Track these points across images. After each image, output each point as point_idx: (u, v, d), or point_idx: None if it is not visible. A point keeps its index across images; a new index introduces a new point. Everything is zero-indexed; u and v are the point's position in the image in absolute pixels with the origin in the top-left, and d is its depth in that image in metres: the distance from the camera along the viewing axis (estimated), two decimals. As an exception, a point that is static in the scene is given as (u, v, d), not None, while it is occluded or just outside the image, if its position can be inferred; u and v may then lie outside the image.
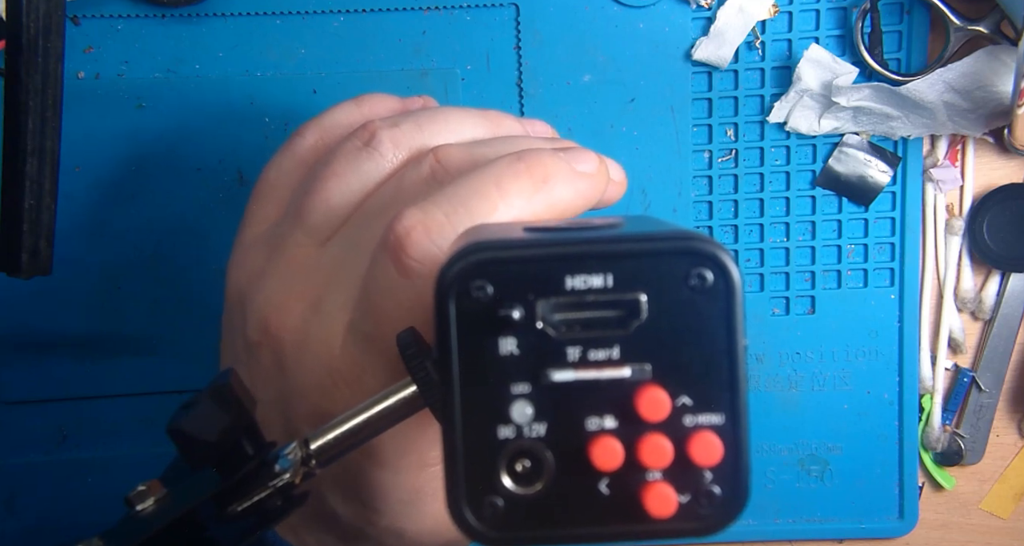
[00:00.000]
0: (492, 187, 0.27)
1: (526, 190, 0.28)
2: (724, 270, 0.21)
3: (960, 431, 0.51)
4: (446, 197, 0.27)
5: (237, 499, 0.25)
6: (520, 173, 0.28)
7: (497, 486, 0.21)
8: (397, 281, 0.27)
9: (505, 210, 0.27)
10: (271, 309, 0.31)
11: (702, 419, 0.21)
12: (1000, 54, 0.44)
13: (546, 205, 0.28)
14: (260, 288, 0.32)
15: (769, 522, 0.51)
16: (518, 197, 0.27)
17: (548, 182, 0.28)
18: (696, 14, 0.46)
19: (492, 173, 0.28)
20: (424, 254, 0.27)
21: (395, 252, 0.27)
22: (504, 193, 0.27)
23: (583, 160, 0.29)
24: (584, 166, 0.29)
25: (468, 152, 0.31)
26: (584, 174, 0.29)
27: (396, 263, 0.27)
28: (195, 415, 0.24)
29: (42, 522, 0.49)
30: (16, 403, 0.48)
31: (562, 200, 0.28)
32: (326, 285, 0.31)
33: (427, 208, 0.27)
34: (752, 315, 0.49)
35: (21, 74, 0.33)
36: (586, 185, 0.29)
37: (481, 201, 0.27)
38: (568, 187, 0.28)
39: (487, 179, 0.28)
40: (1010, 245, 0.48)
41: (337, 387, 0.29)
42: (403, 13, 0.46)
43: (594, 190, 0.29)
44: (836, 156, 0.47)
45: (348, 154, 0.32)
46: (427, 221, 0.27)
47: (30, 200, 0.34)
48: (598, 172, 0.29)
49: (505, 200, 0.27)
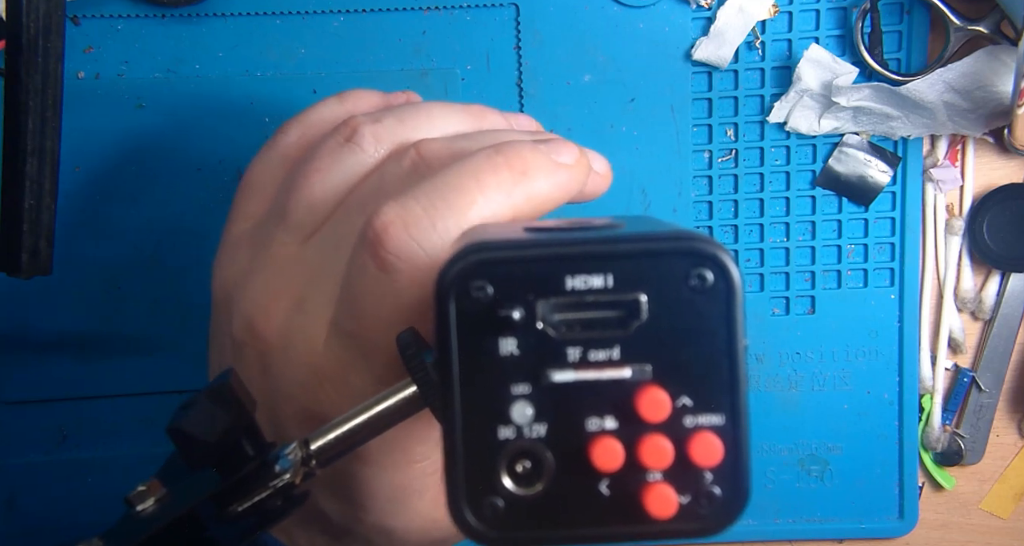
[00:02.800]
0: (471, 180, 0.27)
1: (505, 183, 0.27)
2: (724, 270, 0.21)
3: (960, 431, 0.51)
4: (424, 191, 0.27)
5: (237, 499, 0.25)
6: (499, 166, 0.28)
7: (497, 486, 0.21)
8: (376, 276, 0.27)
9: (484, 203, 0.27)
10: (256, 309, 0.31)
11: (702, 420, 0.21)
12: (1000, 54, 0.44)
13: (525, 197, 0.28)
14: (245, 288, 0.32)
15: (769, 522, 0.51)
16: (497, 190, 0.27)
17: (527, 174, 0.28)
18: (696, 14, 0.46)
19: (471, 166, 0.28)
20: (402, 249, 0.26)
21: (373, 247, 0.27)
22: (483, 186, 0.27)
23: (563, 152, 0.29)
24: (564, 158, 0.29)
25: (450, 146, 0.30)
26: (564, 166, 0.29)
27: (374, 258, 0.27)
28: (195, 415, 0.24)
29: (42, 522, 0.49)
30: (16, 403, 0.48)
31: (541, 192, 0.28)
32: (309, 283, 0.31)
33: (405, 202, 0.27)
34: (752, 315, 0.49)
35: (21, 74, 0.33)
36: (566, 177, 0.29)
37: (460, 195, 0.27)
38: (547, 179, 0.28)
39: (466, 173, 0.27)
40: (1010, 245, 0.48)
41: (322, 385, 0.29)
42: (403, 13, 0.46)
43: (574, 182, 0.29)
44: (836, 156, 0.47)
45: (330, 150, 0.32)
46: (405, 216, 0.27)
47: (30, 200, 0.34)
48: (577, 163, 0.29)
49: (484, 193, 0.27)
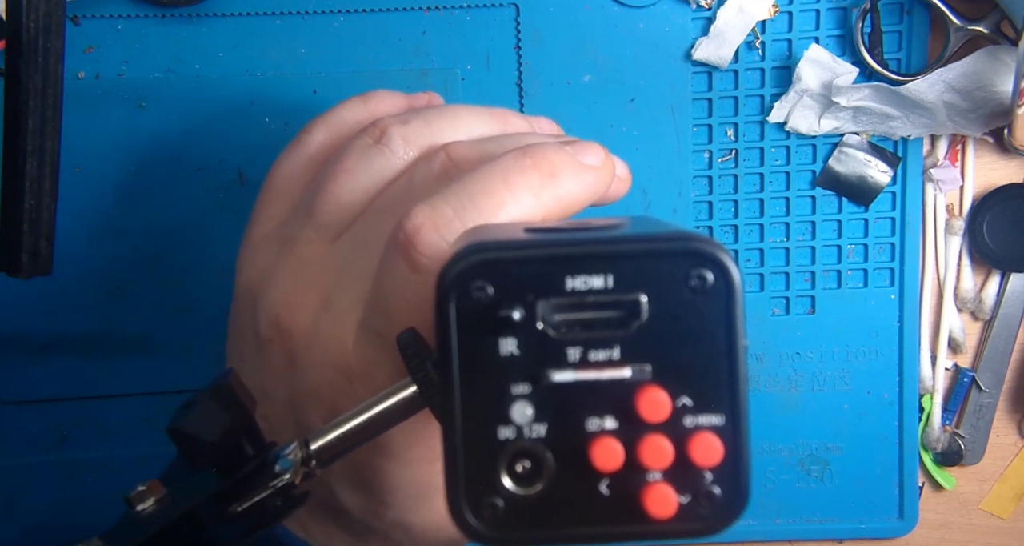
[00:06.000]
0: (500, 182, 0.28)
1: (533, 184, 0.28)
2: (724, 270, 0.21)
3: (960, 431, 0.51)
4: (454, 193, 0.28)
5: (237, 499, 0.25)
6: (527, 168, 0.28)
7: (497, 486, 0.21)
8: (408, 277, 0.27)
9: (513, 205, 0.27)
10: (282, 306, 0.31)
11: (702, 420, 0.21)
12: (1000, 54, 0.44)
13: (554, 199, 0.28)
14: (271, 286, 0.32)
15: (769, 522, 0.51)
16: (525, 192, 0.28)
17: (555, 176, 0.28)
18: (696, 14, 0.46)
19: (499, 168, 0.28)
20: (434, 250, 0.27)
21: (405, 248, 0.27)
22: (512, 188, 0.28)
23: (589, 153, 0.29)
24: (590, 159, 0.29)
25: (478, 148, 0.31)
26: (590, 167, 0.29)
27: (406, 259, 0.27)
28: (195, 415, 0.24)
29: (42, 522, 0.49)
30: (16, 403, 0.48)
31: (569, 193, 0.28)
32: (337, 282, 0.31)
33: (436, 204, 0.27)
34: (752, 315, 0.49)
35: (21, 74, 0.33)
36: (592, 178, 0.29)
37: (489, 196, 0.27)
38: (575, 180, 0.29)
39: (494, 175, 0.28)
40: (1010, 245, 0.48)
41: (351, 384, 0.29)
42: (403, 13, 0.46)
43: (600, 183, 0.30)
44: (836, 156, 0.47)
45: (359, 151, 0.33)
46: (436, 217, 0.27)
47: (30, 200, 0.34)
48: (604, 165, 0.30)
49: (513, 195, 0.27)
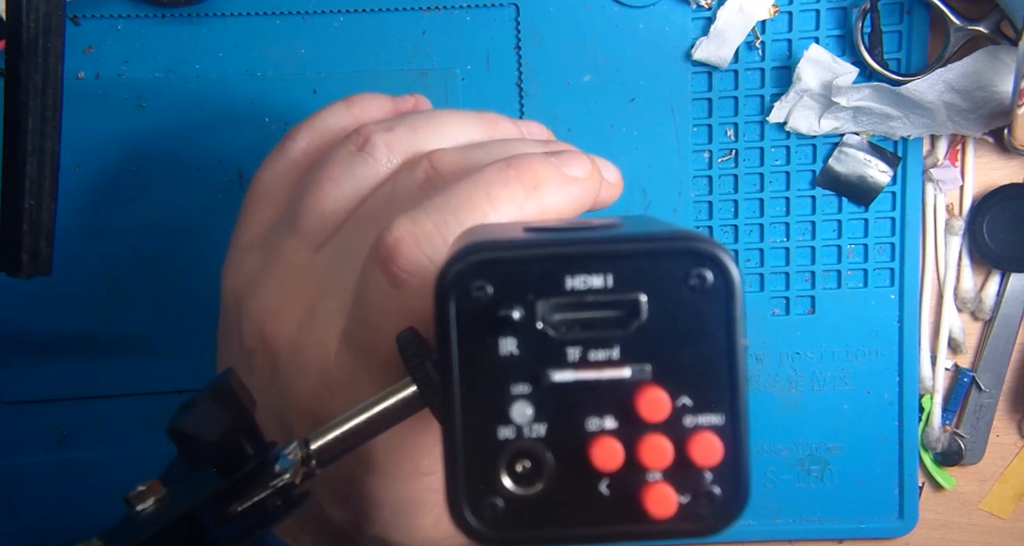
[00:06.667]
0: (482, 196, 0.27)
1: (517, 197, 0.27)
2: (724, 270, 0.21)
3: (960, 431, 0.51)
4: (436, 206, 0.27)
5: (237, 499, 0.25)
6: (510, 180, 0.27)
7: (497, 486, 0.21)
8: (387, 292, 0.27)
9: (495, 218, 0.27)
10: (267, 315, 0.31)
11: (702, 419, 0.21)
12: (1000, 54, 0.44)
13: (538, 212, 0.28)
14: (255, 294, 0.32)
15: (769, 522, 0.51)
16: (508, 205, 0.27)
17: (539, 189, 0.28)
18: (696, 14, 0.46)
19: (482, 181, 0.27)
20: (414, 265, 0.26)
21: (385, 263, 0.27)
22: (494, 201, 0.27)
23: (574, 164, 0.29)
24: (575, 170, 0.29)
25: (462, 156, 0.30)
26: (576, 179, 0.28)
27: (386, 274, 0.27)
28: (195, 415, 0.24)
29: (42, 522, 0.49)
30: (16, 403, 0.48)
31: (553, 206, 0.28)
32: (320, 292, 0.31)
33: (417, 218, 0.27)
34: (752, 315, 0.49)
35: (21, 74, 0.33)
36: (578, 190, 0.29)
37: (471, 210, 0.27)
38: (559, 193, 0.28)
39: (477, 187, 0.27)
40: (1010, 245, 0.48)
41: (332, 394, 0.29)
42: (403, 13, 0.46)
43: (586, 195, 0.29)
44: (836, 156, 0.47)
45: (342, 159, 0.32)
46: (416, 231, 0.26)
47: (30, 200, 0.34)
48: (590, 176, 0.29)
49: (495, 208, 0.27)
